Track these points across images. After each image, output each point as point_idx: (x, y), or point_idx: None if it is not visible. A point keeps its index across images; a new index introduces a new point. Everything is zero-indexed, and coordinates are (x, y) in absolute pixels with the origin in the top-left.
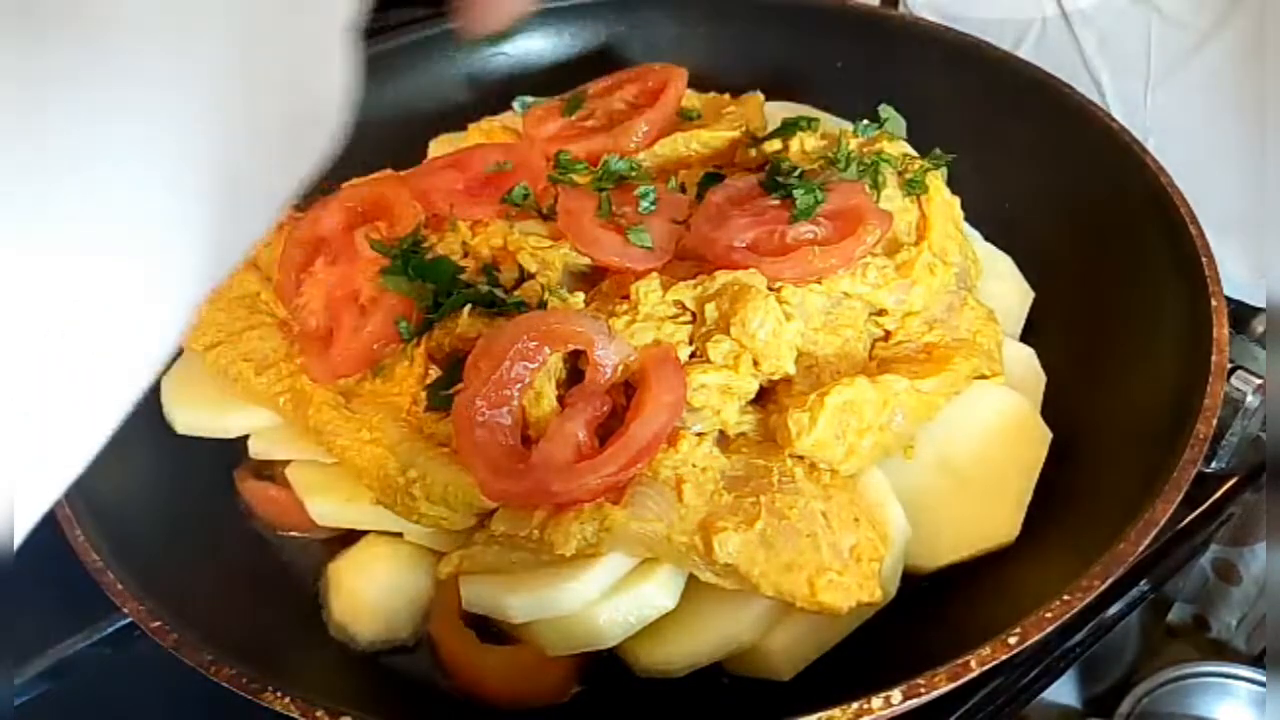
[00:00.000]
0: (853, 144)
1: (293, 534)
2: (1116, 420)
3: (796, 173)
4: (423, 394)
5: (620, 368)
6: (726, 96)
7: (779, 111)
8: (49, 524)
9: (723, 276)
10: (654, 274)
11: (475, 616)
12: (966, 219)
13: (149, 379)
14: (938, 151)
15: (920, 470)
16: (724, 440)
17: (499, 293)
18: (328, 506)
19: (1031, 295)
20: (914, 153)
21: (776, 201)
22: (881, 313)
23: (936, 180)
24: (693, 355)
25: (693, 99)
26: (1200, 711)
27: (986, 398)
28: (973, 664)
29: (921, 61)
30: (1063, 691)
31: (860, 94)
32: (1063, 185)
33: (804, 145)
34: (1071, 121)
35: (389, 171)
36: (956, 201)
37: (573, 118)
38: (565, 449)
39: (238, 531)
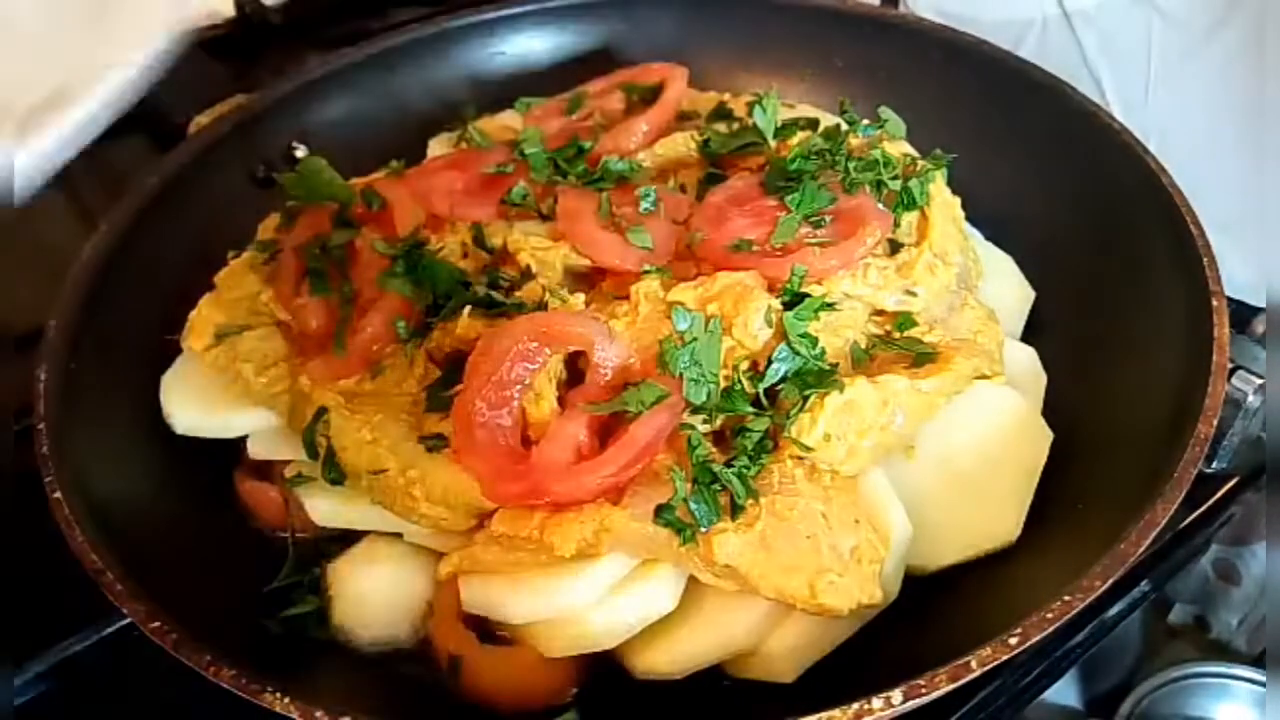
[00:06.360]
0: (853, 144)
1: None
2: (1117, 420)
3: (797, 173)
4: (423, 394)
5: (620, 368)
6: (727, 96)
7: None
8: (49, 524)
9: (723, 277)
10: (654, 274)
11: (475, 617)
12: (967, 219)
13: None
14: (938, 151)
15: (921, 471)
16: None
17: (498, 294)
18: (328, 506)
19: (1032, 295)
20: (915, 153)
21: (776, 202)
22: (881, 313)
23: (937, 180)
24: None
25: (693, 99)
26: (1201, 712)
27: (987, 398)
28: (974, 664)
29: (921, 61)
30: (1064, 692)
31: (860, 94)
32: (1063, 185)
33: (804, 145)
34: (1071, 121)
35: (389, 171)
36: (957, 202)
37: (573, 118)
38: (565, 450)
39: (238, 531)
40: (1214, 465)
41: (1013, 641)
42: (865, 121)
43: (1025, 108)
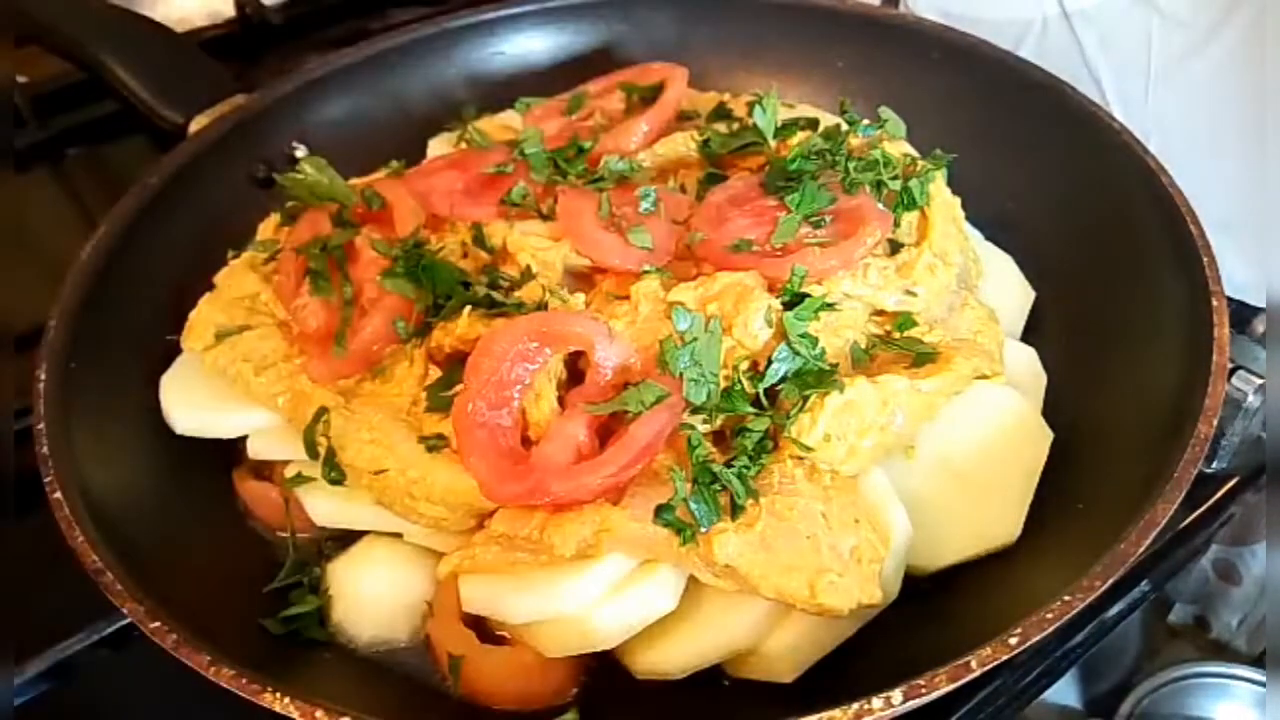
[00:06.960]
0: (853, 144)
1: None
2: (1117, 420)
3: (797, 173)
4: (423, 394)
5: (620, 368)
6: (727, 96)
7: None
8: (49, 524)
9: (724, 277)
10: (654, 274)
11: (475, 617)
12: (967, 219)
13: None
14: (938, 151)
15: (921, 471)
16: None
17: (498, 294)
18: (328, 506)
19: (1032, 295)
20: (915, 153)
21: (776, 202)
22: (881, 313)
23: (937, 180)
24: None
25: (693, 99)
26: (1200, 712)
27: (987, 398)
28: (973, 664)
29: (921, 61)
30: (1063, 692)
31: (860, 94)
32: (1063, 185)
33: (804, 145)
34: (1071, 121)
35: (389, 171)
36: (957, 202)
37: (573, 118)
38: (565, 450)
39: (238, 531)
40: (1214, 465)
41: (1013, 641)
42: (865, 121)
43: (1025, 108)
